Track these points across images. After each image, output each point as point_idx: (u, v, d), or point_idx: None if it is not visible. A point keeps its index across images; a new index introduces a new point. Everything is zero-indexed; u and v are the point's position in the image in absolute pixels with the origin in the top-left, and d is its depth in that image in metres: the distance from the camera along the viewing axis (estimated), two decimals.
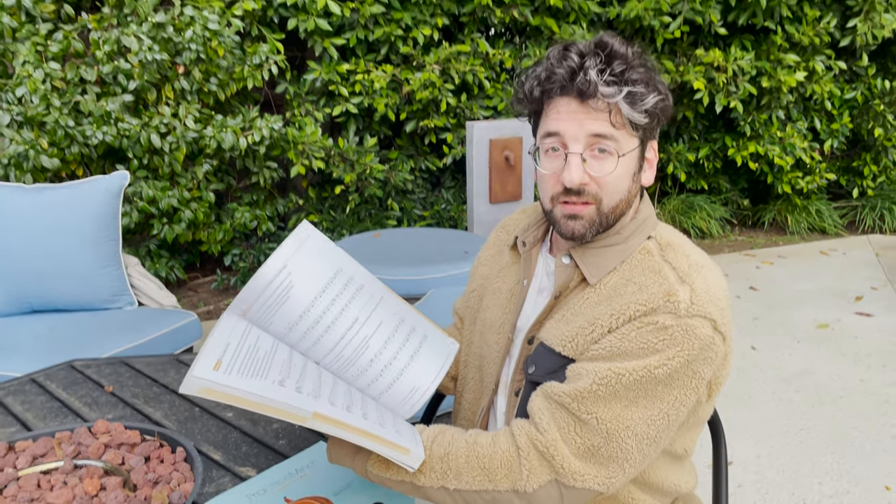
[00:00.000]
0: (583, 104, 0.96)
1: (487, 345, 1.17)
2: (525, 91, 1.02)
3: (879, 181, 5.16)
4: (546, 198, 1.03)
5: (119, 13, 3.52)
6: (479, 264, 1.27)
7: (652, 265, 0.98)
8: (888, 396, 2.70)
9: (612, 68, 0.95)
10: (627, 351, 0.92)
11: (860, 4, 4.37)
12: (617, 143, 0.97)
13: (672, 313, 0.91)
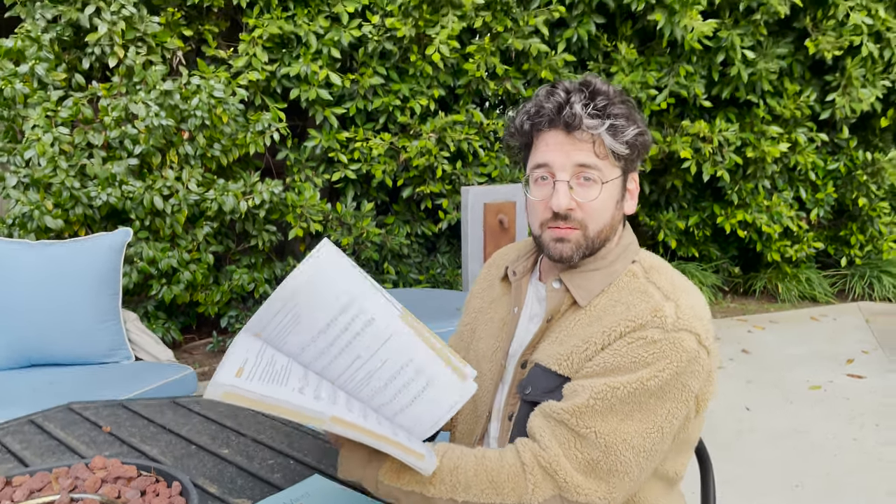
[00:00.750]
0: (569, 136, 1.05)
1: (481, 373, 1.22)
2: (516, 125, 1.12)
3: (867, 250, 5.26)
4: (536, 224, 1.11)
5: (128, 82, 3.68)
6: (472, 297, 1.33)
7: (637, 286, 1.05)
8: (882, 454, 2.70)
9: (596, 103, 1.04)
10: (620, 366, 0.97)
11: (838, 80, 4.58)
12: (600, 172, 1.06)
13: (660, 328, 0.98)
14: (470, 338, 1.29)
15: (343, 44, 3.93)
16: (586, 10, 4.27)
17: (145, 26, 3.66)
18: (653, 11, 4.09)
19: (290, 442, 1.45)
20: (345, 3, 3.95)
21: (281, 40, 3.97)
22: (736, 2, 4.35)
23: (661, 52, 4.48)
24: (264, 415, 1.60)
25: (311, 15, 3.95)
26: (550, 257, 1.10)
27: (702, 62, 4.45)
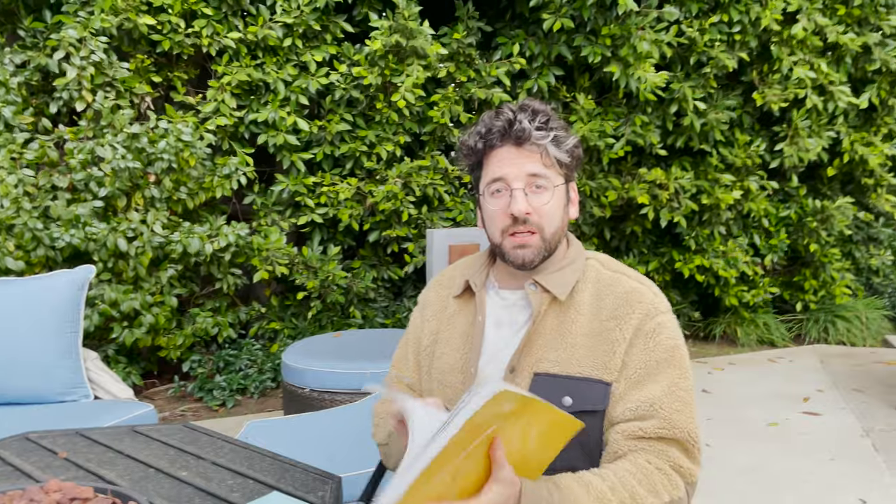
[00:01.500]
0: (519, 149, 1.18)
1: (450, 387, 1.26)
2: (469, 145, 1.22)
3: (821, 295, 5.42)
4: (496, 233, 1.20)
5: (96, 126, 3.71)
6: (424, 322, 1.38)
7: (608, 277, 1.22)
8: (837, 487, 2.76)
9: (538, 119, 1.18)
10: (661, 360, 1.15)
11: (785, 130, 4.80)
12: (549, 180, 1.19)
13: (663, 312, 1.19)
14: (430, 361, 1.33)
15: (311, 91, 4.02)
16: (546, 63, 4.45)
17: (114, 72, 3.71)
18: (609, 64, 4.28)
19: (249, 464, 1.45)
20: (313, 52, 4.06)
21: (249, 87, 4.05)
22: (687, 56, 4.57)
23: (617, 102, 4.67)
24: (224, 439, 1.61)
25: (280, 63, 4.06)
26: (512, 263, 1.19)
27: (656, 112, 4.64)
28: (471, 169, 1.27)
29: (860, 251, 5.63)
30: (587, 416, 1.13)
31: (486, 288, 1.30)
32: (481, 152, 1.22)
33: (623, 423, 1.13)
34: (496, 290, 1.29)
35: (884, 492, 2.71)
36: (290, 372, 3.04)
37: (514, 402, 0.91)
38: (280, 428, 2.16)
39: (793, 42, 4.59)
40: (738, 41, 4.56)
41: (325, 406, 2.93)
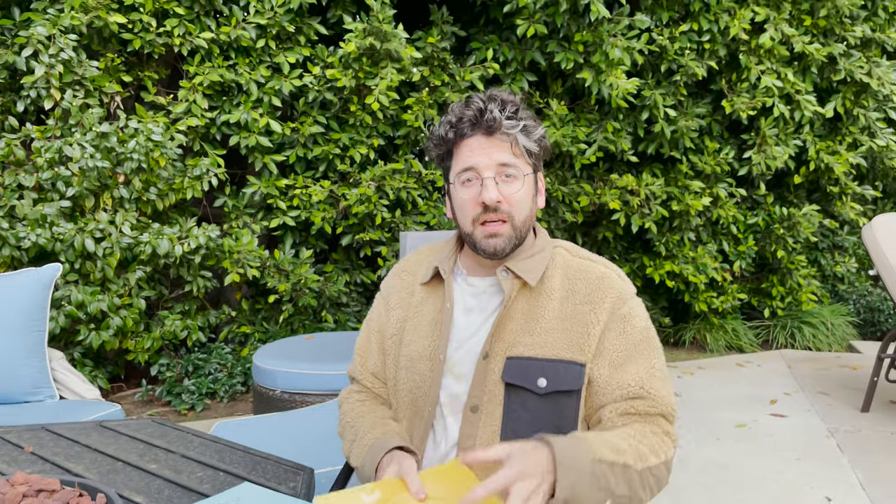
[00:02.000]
0: (489, 139, 1.19)
1: (419, 374, 1.26)
2: (440, 134, 1.23)
3: (788, 301, 5.51)
4: (467, 222, 1.21)
5: (64, 125, 3.65)
6: (389, 310, 1.37)
7: (577, 263, 1.25)
8: (802, 485, 2.80)
9: (508, 109, 1.20)
10: (637, 342, 1.20)
11: (753, 138, 4.89)
12: (518, 169, 1.20)
13: (632, 297, 1.23)
14: (398, 349, 1.33)
15: (284, 93, 4.01)
16: (519, 68, 4.49)
17: (84, 70, 3.66)
18: (581, 70, 4.33)
19: (220, 457, 1.44)
20: (286, 53, 4.05)
21: (221, 88, 4.02)
22: (657, 63, 4.64)
23: (589, 109, 4.72)
24: (194, 433, 1.58)
25: (253, 64, 4.03)
26: (483, 252, 1.20)
27: (628, 119, 4.70)
28: (440, 159, 1.28)
29: (826, 258, 5.75)
30: (563, 397, 1.16)
31: (454, 275, 1.30)
32: (451, 142, 1.23)
33: (615, 403, 1.17)
34: (464, 278, 1.30)
35: (848, 490, 2.76)
36: (261, 373, 3.01)
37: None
38: (250, 426, 2.14)
39: (760, 51, 4.69)
40: (708, 50, 4.65)
41: (297, 408, 2.90)
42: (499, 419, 1.17)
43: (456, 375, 1.24)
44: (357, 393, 1.40)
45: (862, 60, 4.92)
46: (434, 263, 1.31)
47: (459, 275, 1.31)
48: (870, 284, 6.10)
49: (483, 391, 1.19)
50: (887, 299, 5.77)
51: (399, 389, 1.30)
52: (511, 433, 1.17)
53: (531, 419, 1.17)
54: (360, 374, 1.41)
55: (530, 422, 1.17)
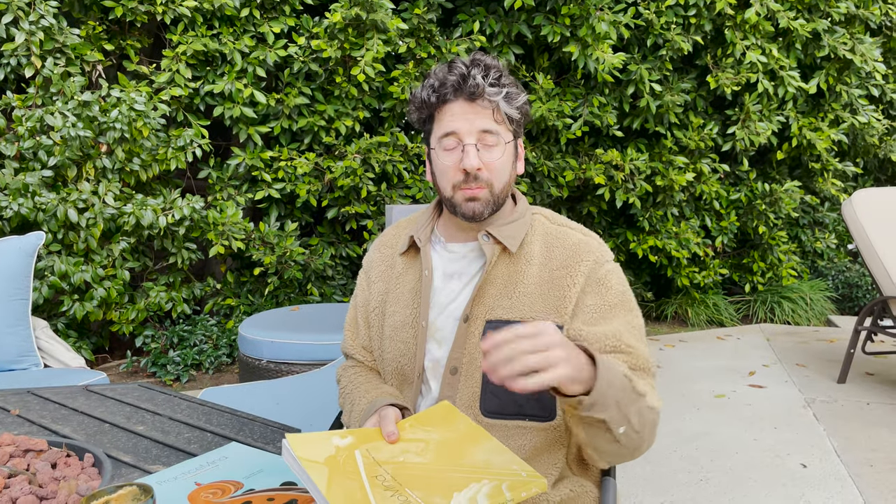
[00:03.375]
0: (472, 104, 1.20)
1: (403, 342, 1.28)
2: (422, 97, 1.24)
3: (768, 277, 5.59)
4: (447, 187, 1.22)
5: (45, 93, 3.60)
6: (371, 284, 1.40)
7: (555, 230, 1.26)
8: (778, 452, 2.87)
9: (491, 75, 1.19)
10: (615, 303, 1.20)
11: (737, 114, 4.92)
12: (499, 136, 1.21)
13: (608, 261, 1.24)
14: (381, 321, 1.35)
15: (268, 63, 3.97)
16: (506, 41, 4.47)
17: (65, 38, 3.61)
18: (567, 44, 4.32)
19: (207, 419, 1.45)
20: (271, 23, 4.01)
21: (205, 58, 3.98)
22: (644, 38, 4.64)
23: (575, 83, 4.72)
24: (181, 397, 1.60)
25: (237, 34, 3.99)
26: (463, 216, 1.21)
27: (614, 94, 4.71)
28: (422, 122, 1.28)
29: (806, 234, 5.82)
30: None
31: (430, 243, 1.32)
32: (433, 106, 1.23)
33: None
34: (443, 245, 1.31)
35: (823, 457, 2.83)
36: (247, 343, 3.02)
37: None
38: (237, 393, 2.15)
39: (745, 26, 4.70)
40: (694, 24, 4.65)
41: (283, 377, 2.92)
42: (478, 380, 1.19)
43: (438, 340, 1.26)
44: (352, 367, 1.43)
45: (845, 37, 4.95)
46: (410, 233, 1.33)
47: (437, 242, 1.32)
48: (849, 261, 6.19)
49: (463, 353, 1.21)
50: (865, 275, 5.86)
51: (385, 360, 1.32)
52: (490, 394, 1.19)
53: None
54: (352, 349, 1.43)
55: None
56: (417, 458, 1.04)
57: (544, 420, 1.19)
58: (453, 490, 0.94)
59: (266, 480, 1.11)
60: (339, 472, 0.98)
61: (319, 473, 0.96)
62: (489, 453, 1.03)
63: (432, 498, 0.93)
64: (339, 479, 0.96)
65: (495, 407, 1.19)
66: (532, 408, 1.19)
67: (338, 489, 0.93)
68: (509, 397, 1.19)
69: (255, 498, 1.04)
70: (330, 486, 0.94)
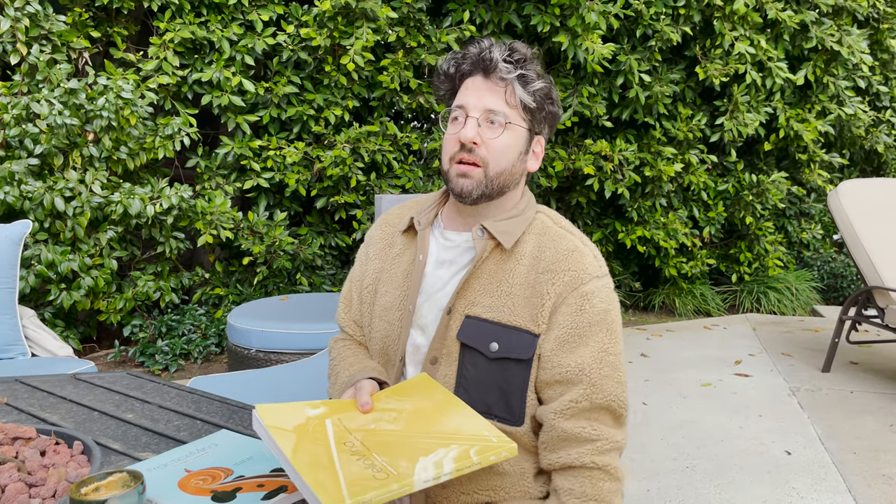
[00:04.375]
0: (486, 80, 1.19)
1: (390, 324, 1.29)
2: (444, 70, 1.25)
3: (755, 267, 5.64)
4: (446, 158, 1.22)
5: (31, 81, 3.57)
6: (368, 261, 1.40)
7: (554, 231, 1.22)
8: (764, 440, 2.90)
9: (512, 55, 1.19)
10: (591, 322, 1.15)
11: (726, 105, 4.94)
12: (506, 117, 1.18)
13: (596, 277, 1.17)
14: (373, 298, 1.35)
15: (257, 51, 3.95)
16: (496, 31, 4.47)
17: (51, 25, 3.57)
18: (557, 34, 4.32)
19: (197, 407, 1.45)
20: (259, 11, 3.98)
21: (193, 45, 3.95)
22: (633, 28, 4.65)
23: (565, 73, 4.72)
24: (170, 385, 1.60)
25: (225, 21, 3.96)
26: (453, 191, 1.20)
27: (603, 84, 4.72)
28: (447, 97, 1.27)
29: (792, 225, 5.87)
30: (511, 364, 1.16)
31: (430, 228, 1.31)
32: (453, 78, 1.23)
33: (553, 402, 1.16)
34: (441, 231, 1.30)
35: (807, 444, 2.87)
36: (236, 333, 3.02)
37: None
38: (226, 382, 2.15)
39: (734, 17, 4.72)
40: (683, 15, 4.66)
41: (272, 366, 2.92)
42: (454, 373, 1.20)
43: (420, 327, 1.26)
44: (342, 340, 1.43)
45: (833, 28, 4.97)
46: (412, 214, 1.32)
47: (437, 227, 1.31)
48: (834, 251, 6.25)
49: (443, 345, 1.21)
50: (850, 266, 5.92)
51: (373, 338, 1.33)
52: (463, 390, 1.19)
53: (480, 380, 1.18)
54: (345, 321, 1.43)
55: (479, 382, 1.18)
56: (389, 426, 1.04)
57: (511, 424, 1.18)
58: (420, 455, 0.95)
59: (256, 467, 1.12)
60: (306, 439, 0.99)
61: (286, 440, 0.97)
62: (461, 420, 1.03)
63: (398, 462, 0.93)
64: (306, 446, 0.96)
65: (466, 403, 1.19)
66: (500, 410, 1.18)
67: (303, 455, 0.94)
68: (479, 396, 1.18)
69: (246, 484, 1.05)
70: (295, 452, 0.94)
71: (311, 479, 0.88)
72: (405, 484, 0.88)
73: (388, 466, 0.92)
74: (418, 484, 0.88)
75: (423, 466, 0.91)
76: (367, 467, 0.92)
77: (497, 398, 1.17)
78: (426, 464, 0.92)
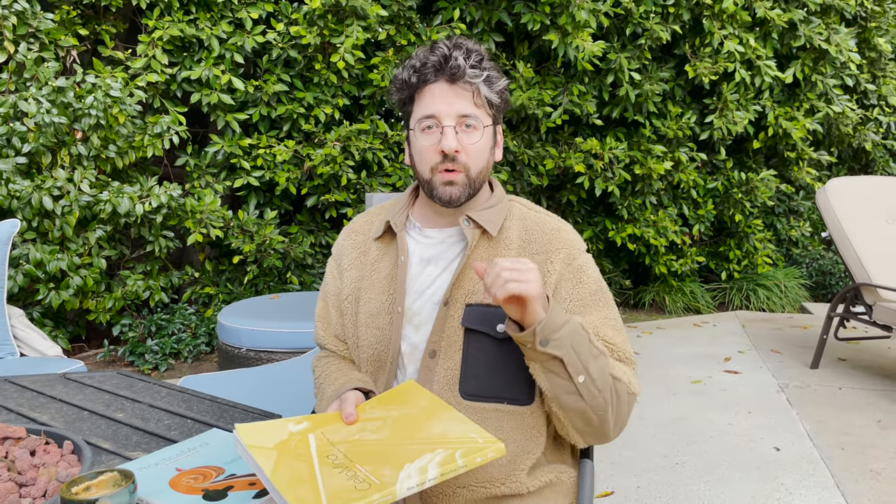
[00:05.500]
0: (452, 86, 1.20)
1: (379, 329, 1.28)
2: (403, 78, 1.24)
3: (744, 264, 5.67)
4: (426, 169, 1.23)
5: (18, 79, 3.54)
6: (343, 272, 1.39)
7: (532, 216, 1.29)
8: (753, 436, 2.92)
9: (472, 58, 1.20)
10: (590, 292, 1.23)
11: (715, 103, 4.97)
12: (479, 120, 1.21)
13: (580, 251, 1.26)
14: (355, 308, 1.35)
15: (246, 49, 3.93)
16: (486, 29, 4.47)
17: (38, 22, 3.54)
18: (547, 32, 4.33)
19: (188, 406, 1.45)
20: (248, 9, 3.97)
21: (182, 43, 3.93)
22: (623, 27, 4.66)
23: (555, 71, 4.73)
24: (161, 384, 1.59)
25: (214, 19, 3.94)
26: (440, 200, 1.22)
27: (593, 82, 4.73)
28: (402, 104, 1.27)
29: (781, 223, 5.90)
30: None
31: (405, 229, 1.32)
32: (414, 87, 1.23)
33: None
34: (419, 230, 1.31)
35: (796, 440, 2.89)
36: (226, 332, 3.01)
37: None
38: (217, 381, 2.15)
39: (723, 16, 4.74)
40: (672, 13, 4.68)
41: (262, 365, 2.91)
42: (458, 363, 1.20)
43: (415, 325, 1.26)
44: (325, 357, 1.43)
45: (821, 27, 5.00)
46: (385, 219, 1.33)
47: (413, 228, 1.32)
48: (822, 249, 6.29)
49: (441, 337, 1.22)
50: (838, 263, 5.96)
51: (360, 347, 1.32)
52: (470, 377, 1.20)
53: (489, 362, 1.20)
54: (324, 339, 1.42)
55: (488, 364, 1.20)
56: (373, 436, 1.04)
57: (522, 404, 1.20)
58: (405, 462, 0.94)
59: (247, 466, 1.11)
60: (288, 455, 0.98)
61: (267, 458, 0.96)
62: (447, 424, 1.03)
63: (381, 470, 0.93)
64: (287, 462, 0.96)
65: (474, 389, 1.20)
66: (510, 391, 1.20)
67: (284, 471, 0.93)
68: (488, 380, 1.20)
69: (237, 482, 1.05)
70: (276, 470, 0.93)
71: (291, 495, 0.87)
72: (387, 493, 0.87)
73: (371, 476, 0.91)
74: (401, 492, 0.88)
75: (406, 474, 0.91)
76: (349, 478, 0.91)
77: (506, 379, 1.20)
78: (410, 471, 0.92)
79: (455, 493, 1.20)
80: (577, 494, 1.24)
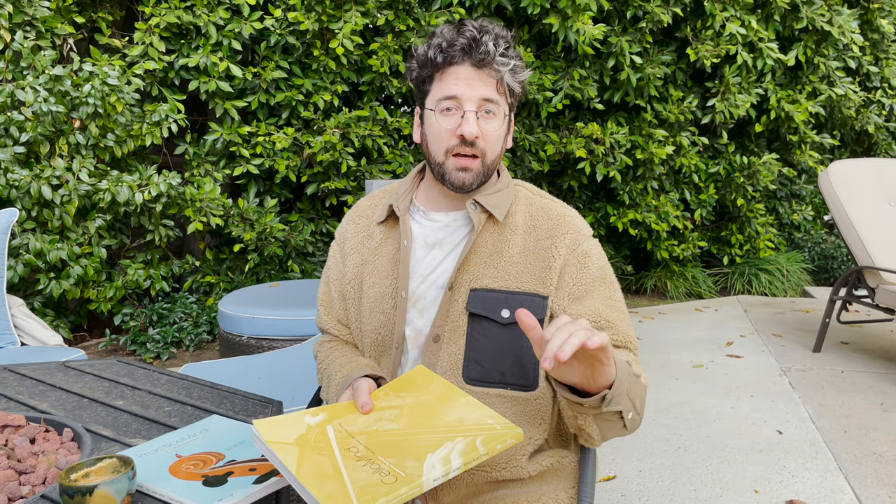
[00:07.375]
0: (478, 71, 1.18)
1: (383, 313, 1.28)
2: (428, 56, 1.21)
3: (746, 249, 5.65)
4: (440, 152, 1.21)
5: (15, 68, 3.52)
6: (346, 256, 1.38)
7: (538, 202, 1.28)
8: (755, 419, 2.92)
9: (500, 45, 1.17)
10: (594, 278, 1.22)
11: (717, 87, 4.93)
12: (499, 107, 1.20)
13: (586, 235, 1.25)
14: (359, 293, 1.34)
15: (244, 36, 3.90)
16: (485, 13, 4.43)
17: (34, 10, 3.52)
18: (547, 16, 4.29)
19: (188, 393, 1.45)
20: None
21: (179, 30, 3.90)
22: (623, 10, 4.62)
23: (556, 56, 4.69)
24: (161, 371, 1.59)
25: (211, 6, 3.91)
26: (452, 184, 1.21)
27: (594, 66, 4.69)
28: (420, 81, 1.24)
29: (783, 207, 5.88)
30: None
31: (409, 213, 1.31)
32: (439, 66, 1.20)
33: None
34: (423, 214, 1.30)
35: (798, 423, 2.89)
36: (227, 320, 3.00)
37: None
38: (218, 368, 2.15)
39: None
40: None
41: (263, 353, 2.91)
42: (461, 347, 1.20)
43: (419, 310, 1.25)
44: (328, 342, 1.42)
45: (823, 9, 4.96)
46: (388, 202, 1.31)
47: (417, 212, 1.31)
48: (825, 232, 6.27)
49: (446, 321, 1.21)
50: (841, 246, 5.94)
51: (364, 331, 1.31)
52: (474, 361, 1.19)
53: (493, 347, 1.19)
54: (327, 323, 1.42)
55: (492, 350, 1.20)
56: (391, 425, 1.03)
57: (526, 390, 1.20)
58: (427, 452, 0.94)
59: (247, 451, 1.11)
60: (309, 449, 0.98)
61: (289, 454, 0.96)
62: (463, 410, 1.03)
63: (405, 462, 0.93)
64: (310, 457, 0.96)
65: (478, 374, 1.19)
66: (514, 377, 1.19)
67: (308, 467, 0.93)
68: (492, 365, 1.19)
69: (237, 468, 1.04)
70: (300, 465, 0.93)
71: (319, 491, 0.87)
72: (415, 486, 0.87)
73: (396, 469, 0.91)
74: (428, 484, 0.88)
75: (430, 465, 0.91)
76: (374, 472, 0.91)
77: (511, 365, 1.19)
78: (434, 461, 0.92)
79: (456, 478, 1.19)
80: (579, 479, 1.24)
